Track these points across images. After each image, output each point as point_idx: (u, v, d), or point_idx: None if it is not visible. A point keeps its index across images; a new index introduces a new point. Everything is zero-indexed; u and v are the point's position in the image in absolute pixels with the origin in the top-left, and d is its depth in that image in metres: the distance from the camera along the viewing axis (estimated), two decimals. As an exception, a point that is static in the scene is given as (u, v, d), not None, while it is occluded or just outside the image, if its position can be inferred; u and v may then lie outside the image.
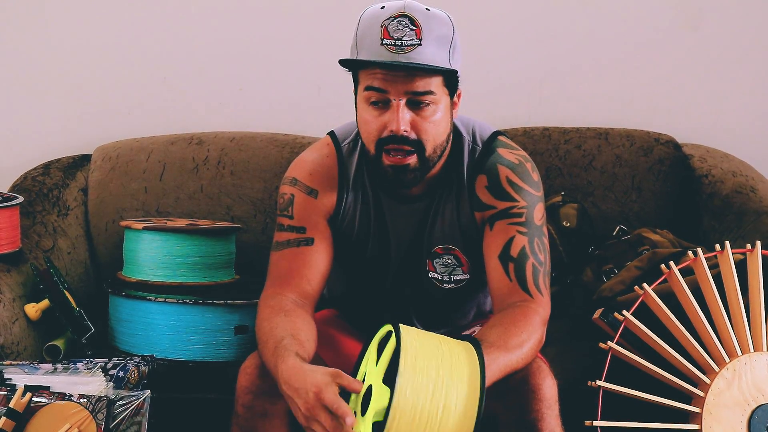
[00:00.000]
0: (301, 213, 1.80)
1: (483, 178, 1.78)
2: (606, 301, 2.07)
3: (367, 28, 1.65)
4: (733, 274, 1.94)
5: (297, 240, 1.79)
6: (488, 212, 1.76)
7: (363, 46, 1.66)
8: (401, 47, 1.62)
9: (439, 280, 1.83)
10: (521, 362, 1.59)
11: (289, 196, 1.82)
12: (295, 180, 1.82)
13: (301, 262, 1.76)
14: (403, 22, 1.62)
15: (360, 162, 1.83)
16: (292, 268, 1.76)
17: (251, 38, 2.79)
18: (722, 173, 2.54)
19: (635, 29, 2.79)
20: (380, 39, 1.62)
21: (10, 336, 2.04)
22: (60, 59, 2.79)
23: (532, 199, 1.76)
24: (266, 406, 1.66)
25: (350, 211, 1.83)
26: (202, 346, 2.10)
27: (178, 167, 2.62)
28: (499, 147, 1.80)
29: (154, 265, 2.18)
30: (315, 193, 1.81)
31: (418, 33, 1.62)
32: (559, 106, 2.79)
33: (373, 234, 1.83)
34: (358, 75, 1.70)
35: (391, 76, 1.63)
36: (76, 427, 1.70)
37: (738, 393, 1.88)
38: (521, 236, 1.73)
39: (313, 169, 1.83)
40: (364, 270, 1.87)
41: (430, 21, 1.64)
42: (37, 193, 2.53)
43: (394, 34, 1.62)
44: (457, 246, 1.81)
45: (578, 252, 2.37)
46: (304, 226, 1.79)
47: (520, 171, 1.77)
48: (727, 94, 2.81)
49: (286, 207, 1.81)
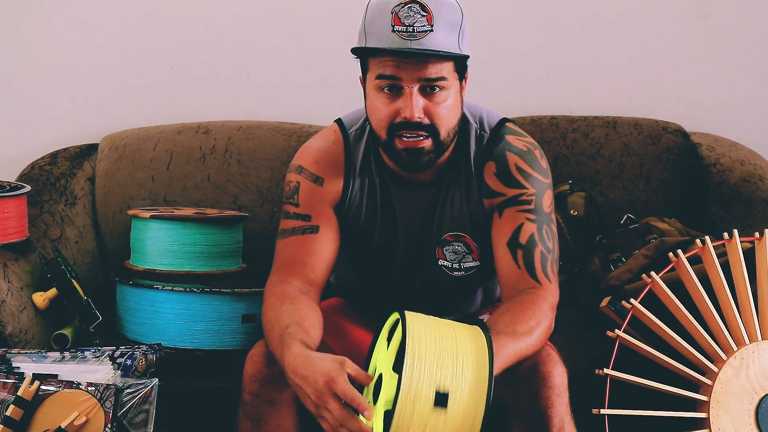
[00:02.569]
0: (307, 201, 1.80)
1: (492, 165, 1.77)
2: (614, 290, 2.07)
3: (377, 14, 1.64)
4: (741, 263, 1.93)
5: (302, 228, 1.78)
6: (497, 199, 1.76)
7: (373, 32, 1.65)
8: (413, 34, 1.61)
9: (449, 267, 1.83)
10: (530, 349, 1.59)
11: (294, 184, 1.81)
12: (301, 168, 1.82)
13: (306, 250, 1.76)
14: (414, 8, 1.62)
15: (367, 149, 1.82)
16: (297, 256, 1.76)
17: (258, 27, 2.79)
18: (730, 162, 2.53)
19: (644, 17, 2.78)
20: (391, 26, 1.61)
21: (18, 325, 2.05)
22: (67, 49, 2.79)
23: (541, 186, 1.76)
24: (273, 393, 1.66)
25: (356, 199, 1.82)
26: (209, 334, 2.11)
27: (185, 156, 2.62)
28: (508, 134, 1.79)
29: (161, 254, 2.18)
30: (320, 180, 1.81)
31: (429, 19, 1.62)
32: (566, 95, 2.78)
33: (381, 221, 1.83)
34: (367, 62, 1.70)
35: (403, 63, 1.63)
36: (84, 415, 1.70)
37: (746, 381, 1.88)
38: (530, 223, 1.73)
39: (319, 156, 1.82)
40: (371, 258, 1.87)
41: (440, 6, 1.63)
42: (45, 182, 2.53)
43: (405, 21, 1.61)
44: (466, 233, 1.81)
45: (586, 241, 2.37)
46: (309, 213, 1.79)
47: (529, 158, 1.77)
48: (735, 82, 2.79)
49: (291, 195, 1.81)
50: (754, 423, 1.86)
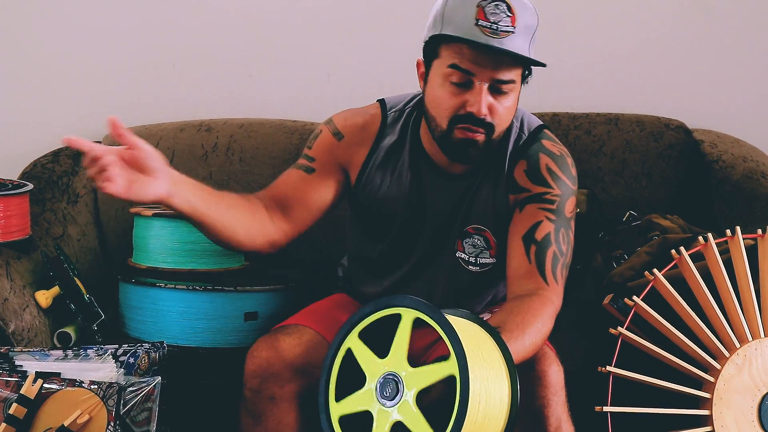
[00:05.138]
0: (319, 147, 1.86)
1: (523, 163, 1.79)
2: (616, 287, 2.07)
3: (461, 4, 1.63)
4: (743, 260, 1.93)
5: (300, 165, 1.85)
6: (522, 195, 1.77)
7: (452, 21, 1.63)
8: (496, 31, 1.60)
9: (465, 260, 1.83)
10: (532, 351, 1.59)
11: (318, 131, 1.88)
12: (330, 120, 1.88)
13: (292, 185, 1.83)
14: (501, 6, 1.61)
15: (403, 131, 1.84)
16: (279, 183, 1.84)
17: (261, 25, 2.79)
18: (733, 159, 2.53)
19: (646, 14, 2.78)
20: (475, 19, 1.61)
21: (21, 323, 2.05)
22: (69, 46, 2.79)
23: (567, 191, 1.77)
24: (274, 390, 1.66)
25: (375, 175, 1.84)
26: (211, 332, 2.11)
27: (187, 154, 2.62)
28: (544, 138, 1.82)
29: (163, 252, 2.18)
30: (340, 136, 1.85)
31: (513, 20, 1.62)
32: (568, 92, 2.78)
33: (405, 204, 1.84)
34: (438, 49, 1.69)
35: (481, 58, 1.63)
36: (87, 413, 1.70)
37: (748, 378, 1.88)
38: (549, 222, 1.73)
39: (351, 118, 1.87)
40: (390, 238, 1.88)
41: (523, 10, 1.64)
42: (47, 180, 2.53)
43: (491, 17, 1.61)
44: (488, 227, 1.82)
45: (588, 238, 2.37)
46: (314, 157, 1.85)
47: (560, 162, 1.79)
48: (737, 79, 2.79)
49: (312, 140, 1.88)
50: (757, 420, 1.86)
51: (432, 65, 1.70)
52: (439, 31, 1.65)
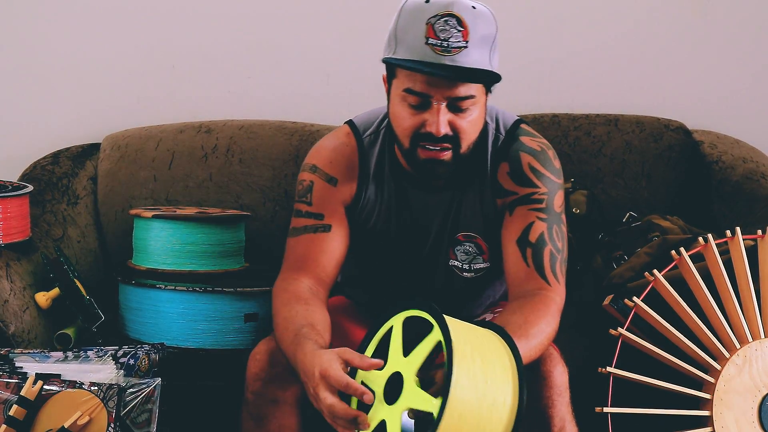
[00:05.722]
0: (320, 200, 1.79)
1: (505, 166, 1.77)
2: (616, 288, 2.07)
3: (411, 23, 1.60)
4: (743, 260, 1.93)
5: (314, 226, 1.78)
6: (509, 198, 1.76)
7: (404, 41, 1.61)
8: (447, 49, 1.57)
9: (459, 268, 1.83)
10: (538, 352, 1.59)
11: (308, 183, 1.81)
12: (315, 167, 1.81)
13: (318, 249, 1.76)
14: (451, 21, 1.57)
15: (381, 153, 1.81)
16: (308, 254, 1.75)
17: (260, 26, 2.79)
18: (733, 159, 2.53)
19: (645, 15, 2.78)
20: (425, 38, 1.58)
21: (21, 324, 2.05)
22: (69, 48, 2.79)
23: (553, 186, 1.75)
24: (276, 392, 1.66)
25: (370, 203, 1.82)
26: (212, 333, 2.11)
27: (187, 156, 2.62)
28: (522, 135, 1.79)
29: (163, 254, 2.18)
30: (334, 181, 1.80)
31: (465, 35, 1.57)
32: (568, 93, 2.78)
33: (397, 224, 1.82)
34: (394, 69, 1.66)
35: (434, 79, 1.59)
36: (87, 414, 1.70)
37: (749, 379, 1.88)
38: (540, 222, 1.72)
39: (333, 157, 1.81)
40: (383, 258, 1.87)
41: (476, 21, 1.59)
42: (47, 182, 2.53)
43: (441, 35, 1.57)
44: (479, 234, 1.80)
45: (588, 239, 2.37)
46: (322, 212, 1.78)
47: (542, 158, 1.77)
48: (737, 79, 2.79)
49: (304, 193, 1.80)
50: (758, 420, 1.86)
51: (392, 84, 1.69)
52: (393, 52, 1.63)
